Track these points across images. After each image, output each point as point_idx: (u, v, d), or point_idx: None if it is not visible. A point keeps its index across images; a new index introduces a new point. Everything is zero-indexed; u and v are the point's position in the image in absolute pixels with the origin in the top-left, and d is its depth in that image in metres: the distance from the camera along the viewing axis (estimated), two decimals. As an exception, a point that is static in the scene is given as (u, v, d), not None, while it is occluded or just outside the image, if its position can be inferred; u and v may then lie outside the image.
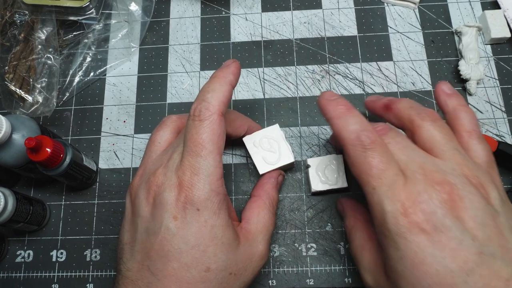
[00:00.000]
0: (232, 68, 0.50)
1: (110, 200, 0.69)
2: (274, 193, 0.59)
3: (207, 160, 0.45)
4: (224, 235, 0.46)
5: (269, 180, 0.60)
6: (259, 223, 0.53)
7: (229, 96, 0.48)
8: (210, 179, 0.45)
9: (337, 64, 0.74)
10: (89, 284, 0.65)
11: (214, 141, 0.45)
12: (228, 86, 0.48)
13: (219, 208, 0.46)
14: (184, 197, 0.44)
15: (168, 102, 0.74)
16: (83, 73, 0.76)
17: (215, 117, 0.46)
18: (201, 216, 0.44)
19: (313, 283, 0.62)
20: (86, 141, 0.72)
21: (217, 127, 0.46)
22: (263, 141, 0.62)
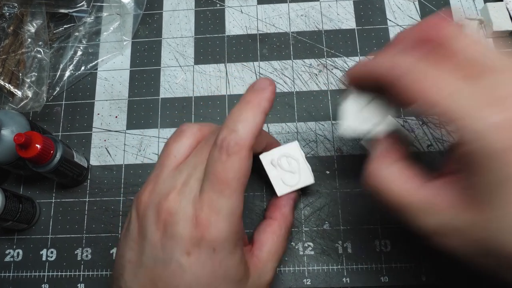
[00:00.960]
0: (267, 93, 0.45)
1: (101, 198, 0.68)
2: (291, 217, 0.56)
3: (230, 200, 0.42)
4: (237, 274, 0.44)
5: (288, 202, 0.56)
6: (272, 250, 0.50)
7: (262, 127, 0.44)
8: (231, 219, 0.42)
9: (335, 58, 0.74)
10: (80, 284, 0.64)
11: (240, 180, 0.42)
12: (263, 115, 0.44)
13: (236, 247, 0.43)
14: (201, 235, 0.41)
15: (161, 97, 0.73)
16: (74, 67, 0.76)
17: (245, 153, 0.42)
18: (217, 257, 0.42)
19: (310, 283, 0.62)
20: (77, 137, 0.72)
21: (245, 164, 0.42)
22: (282, 160, 0.57)
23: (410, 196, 0.40)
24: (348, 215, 0.65)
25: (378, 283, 0.62)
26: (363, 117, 0.49)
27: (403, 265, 0.62)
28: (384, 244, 0.63)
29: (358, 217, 0.65)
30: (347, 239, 0.64)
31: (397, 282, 0.61)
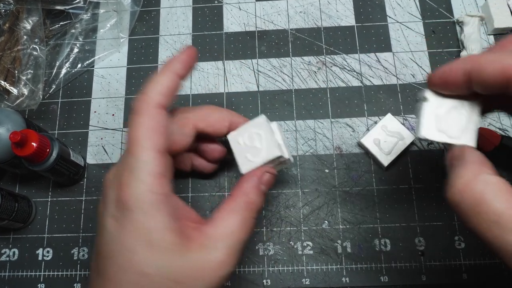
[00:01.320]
0: (181, 55, 0.47)
1: (98, 197, 0.68)
2: (254, 195, 0.49)
3: (140, 157, 0.42)
4: (162, 239, 0.42)
5: (250, 179, 0.50)
6: (223, 227, 0.46)
7: (173, 86, 0.46)
8: (144, 177, 0.42)
9: (334, 55, 0.74)
10: (76, 283, 0.64)
11: (149, 137, 0.43)
12: (172, 75, 0.46)
13: (156, 209, 0.42)
14: (121, 197, 0.42)
15: None
16: (70, 65, 0.75)
17: (151, 110, 0.44)
18: (134, 218, 0.42)
19: (309, 283, 0.62)
20: (74, 135, 0.72)
21: (153, 121, 0.43)
22: (248, 136, 0.53)
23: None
24: (347, 214, 0.65)
25: (378, 282, 0.61)
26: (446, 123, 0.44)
27: (403, 264, 0.62)
28: (384, 243, 0.63)
29: (357, 216, 0.65)
30: (346, 238, 0.64)
31: (397, 282, 0.61)
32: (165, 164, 0.44)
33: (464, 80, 0.40)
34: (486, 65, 0.37)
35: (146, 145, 0.42)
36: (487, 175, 0.37)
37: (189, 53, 0.48)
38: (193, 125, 0.52)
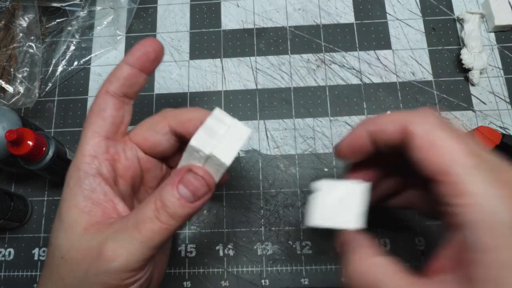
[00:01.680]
0: (136, 46, 0.46)
1: None
2: (166, 193, 0.41)
3: (82, 135, 0.45)
4: (64, 213, 0.42)
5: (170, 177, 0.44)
6: (127, 220, 0.41)
7: (122, 74, 0.46)
8: (76, 153, 0.44)
9: (333, 53, 0.73)
10: None
11: (89, 117, 0.45)
12: (124, 65, 0.46)
13: (74, 184, 0.43)
14: None
15: (156, 93, 0.73)
16: (67, 62, 0.75)
17: (97, 95, 0.46)
18: (63, 187, 0.44)
19: (308, 283, 0.62)
20: (70, 133, 0.71)
21: (95, 104, 0.46)
22: None
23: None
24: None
25: None
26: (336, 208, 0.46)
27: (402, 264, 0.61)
28: (384, 243, 0.63)
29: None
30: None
31: (396, 282, 0.61)
32: (102, 146, 0.44)
33: (370, 142, 0.42)
34: (386, 125, 0.40)
35: (86, 125, 0.45)
36: (376, 258, 0.39)
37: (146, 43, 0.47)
38: (168, 124, 0.49)
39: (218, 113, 0.44)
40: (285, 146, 0.68)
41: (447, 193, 0.35)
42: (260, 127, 0.70)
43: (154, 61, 0.48)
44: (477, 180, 0.34)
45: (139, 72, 0.47)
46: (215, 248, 0.64)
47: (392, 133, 0.39)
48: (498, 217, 0.33)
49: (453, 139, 0.36)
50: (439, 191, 0.36)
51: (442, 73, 0.71)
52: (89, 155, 0.44)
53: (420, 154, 0.37)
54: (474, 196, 0.34)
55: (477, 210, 0.33)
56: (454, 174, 0.35)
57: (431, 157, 0.36)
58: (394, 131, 0.39)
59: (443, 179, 0.35)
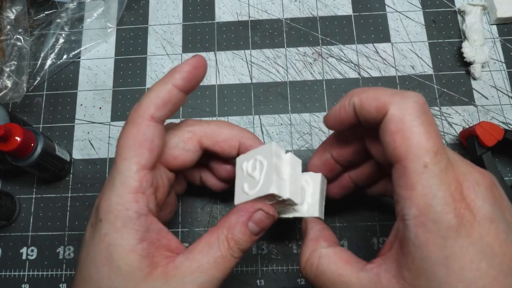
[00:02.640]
0: (183, 65, 0.44)
1: (84, 193, 0.67)
2: (238, 231, 0.44)
3: (120, 168, 0.42)
4: (123, 259, 0.40)
5: (238, 213, 0.45)
6: (196, 261, 0.42)
7: (168, 97, 0.43)
8: (118, 190, 0.41)
9: (330, 46, 0.73)
10: (62, 284, 0.63)
11: (132, 148, 0.42)
12: (169, 86, 0.43)
13: (124, 226, 0.41)
14: (97, 204, 0.43)
15: (148, 87, 0.71)
16: (56, 56, 0.75)
17: (139, 120, 0.43)
18: (102, 229, 0.41)
19: (304, 283, 0.61)
20: (59, 129, 0.71)
21: (139, 132, 0.42)
22: (251, 163, 0.48)
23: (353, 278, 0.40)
24: (345, 212, 0.64)
25: None
26: None
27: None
28: (382, 242, 0.62)
29: (355, 213, 0.64)
30: (344, 237, 0.63)
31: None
32: (148, 180, 0.43)
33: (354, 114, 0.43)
34: (368, 100, 0.40)
35: (128, 156, 0.42)
36: (321, 250, 0.44)
37: (194, 63, 0.45)
38: (197, 141, 0.50)
39: (276, 148, 0.47)
40: (281, 141, 0.68)
41: (398, 182, 0.37)
42: (255, 122, 0.69)
43: (199, 82, 0.46)
44: (427, 178, 0.35)
45: (185, 94, 0.45)
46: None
47: (372, 110, 0.40)
48: (436, 216, 0.34)
49: (421, 130, 0.37)
50: (393, 178, 0.38)
51: (443, 67, 0.71)
52: (138, 193, 0.42)
53: (388, 136, 0.38)
54: (419, 192, 0.35)
55: (418, 206, 0.35)
56: (409, 166, 0.36)
57: (395, 142, 0.37)
58: (373, 108, 0.40)
59: (398, 168, 0.37)
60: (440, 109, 0.68)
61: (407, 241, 0.36)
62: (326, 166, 0.52)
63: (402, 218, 0.37)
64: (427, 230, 0.35)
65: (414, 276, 0.36)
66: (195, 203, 0.66)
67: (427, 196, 0.35)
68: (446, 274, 0.34)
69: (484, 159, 0.59)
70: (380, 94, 0.39)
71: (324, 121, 0.48)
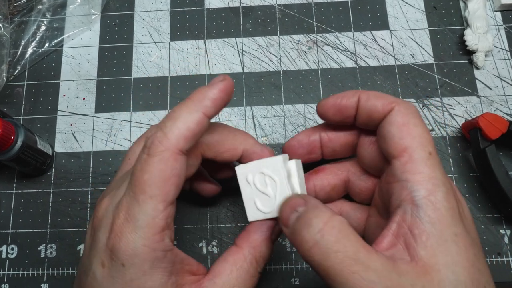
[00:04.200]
0: (215, 90, 0.41)
1: (67, 188, 0.66)
2: (264, 248, 0.46)
3: (144, 207, 0.39)
4: None
5: (260, 229, 0.47)
6: (227, 284, 0.43)
7: (198, 128, 0.41)
8: (144, 231, 0.39)
9: (326, 33, 0.72)
10: (44, 283, 0.63)
11: (158, 186, 0.39)
12: (199, 115, 0.40)
13: (152, 267, 0.39)
14: (112, 245, 0.39)
15: (134, 77, 0.71)
16: (37, 44, 0.74)
17: (167, 154, 0.39)
18: (127, 274, 0.39)
19: (298, 283, 0.61)
20: (41, 121, 0.70)
21: (167, 167, 0.39)
22: (259, 177, 0.48)
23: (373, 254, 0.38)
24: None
25: None
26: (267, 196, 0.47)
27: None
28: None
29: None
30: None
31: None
32: (172, 215, 0.41)
33: (355, 108, 0.47)
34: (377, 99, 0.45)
35: (154, 194, 0.39)
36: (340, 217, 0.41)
37: (225, 87, 0.42)
38: (200, 153, 0.48)
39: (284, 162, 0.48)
40: (274, 134, 0.67)
41: (403, 169, 0.41)
42: (247, 114, 0.68)
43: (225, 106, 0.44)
44: (432, 163, 0.41)
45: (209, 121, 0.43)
46: (198, 245, 0.63)
47: (378, 104, 0.44)
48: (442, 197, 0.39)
49: (423, 126, 0.43)
50: (395, 165, 0.42)
51: (444, 56, 0.70)
52: (164, 231, 0.40)
53: (394, 128, 0.43)
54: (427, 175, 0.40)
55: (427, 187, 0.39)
56: (416, 153, 0.41)
57: (402, 132, 0.42)
58: (380, 103, 0.44)
59: (404, 156, 0.41)
60: (442, 100, 0.67)
61: (419, 221, 0.38)
62: (309, 146, 0.53)
63: (411, 202, 0.39)
64: (437, 208, 0.38)
65: (431, 254, 0.37)
66: (184, 199, 0.65)
67: (434, 178, 0.40)
68: (457, 253, 0.37)
69: (488, 152, 0.58)
70: (388, 98, 0.44)
71: (319, 105, 0.49)
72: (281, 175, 0.46)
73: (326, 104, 0.48)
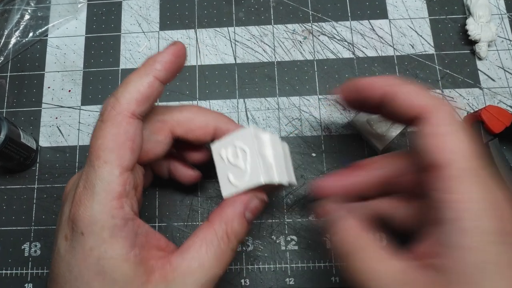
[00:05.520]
0: (165, 53, 0.43)
1: (52, 184, 0.66)
2: (237, 224, 0.45)
3: (99, 172, 0.40)
4: (117, 270, 0.40)
5: (233, 204, 0.46)
6: (195, 259, 0.43)
7: (149, 91, 0.42)
8: (101, 197, 0.39)
9: (322, 22, 0.71)
10: (28, 283, 0.62)
11: (112, 149, 0.40)
12: (149, 78, 0.42)
13: (112, 235, 0.39)
14: (72, 215, 0.40)
15: (122, 68, 0.70)
16: (21, 34, 0.73)
17: (119, 118, 0.41)
18: (86, 243, 0.39)
19: (293, 283, 0.60)
20: (24, 114, 0.69)
21: (120, 131, 0.41)
22: (231, 150, 0.48)
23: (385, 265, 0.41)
24: (338, 205, 0.62)
25: None
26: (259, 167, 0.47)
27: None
28: (379, 238, 0.59)
29: (349, 206, 0.62)
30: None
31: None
32: (130, 182, 0.42)
33: (380, 99, 0.45)
34: (402, 95, 0.43)
35: (109, 159, 0.40)
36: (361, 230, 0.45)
37: (175, 51, 0.44)
38: (170, 130, 0.48)
39: (256, 132, 0.47)
40: (267, 128, 0.66)
41: (436, 186, 0.38)
42: (239, 107, 0.67)
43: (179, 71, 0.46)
44: (470, 182, 0.37)
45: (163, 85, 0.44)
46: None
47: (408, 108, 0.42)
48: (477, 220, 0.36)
49: (462, 136, 0.39)
50: (430, 181, 0.39)
51: (445, 46, 0.69)
52: (122, 198, 0.41)
53: (428, 139, 0.40)
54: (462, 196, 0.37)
55: (458, 210, 0.37)
56: (453, 169, 0.38)
57: (437, 146, 0.39)
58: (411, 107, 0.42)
59: (440, 170, 0.38)
60: (443, 92, 0.67)
61: (446, 245, 0.37)
62: None
63: (441, 223, 0.38)
64: (466, 234, 0.36)
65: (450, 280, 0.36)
66: (174, 195, 0.64)
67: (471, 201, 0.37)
68: (482, 278, 0.35)
69: (491, 146, 0.58)
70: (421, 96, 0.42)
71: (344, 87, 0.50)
72: (252, 146, 0.46)
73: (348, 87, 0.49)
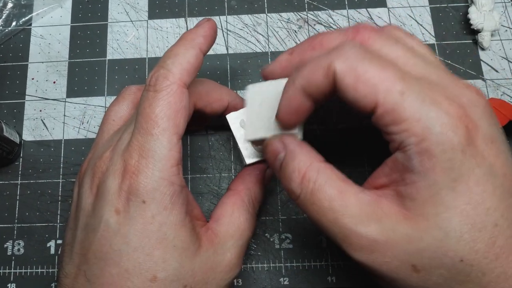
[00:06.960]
0: (204, 28, 0.47)
1: (36, 180, 0.65)
2: (257, 190, 0.52)
3: (159, 140, 0.42)
4: (177, 237, 0.42)
5: (253, 172, 0.53)
6: (232, 224, 0.48)
7: (197, 63, 0.45)
8: (161, 164, 0.42)
9: (318, 11, 0.70)
10: (10, 283, 0.61)
11: (170, 117, 0.42)
12: (196, 50, 0.45)
13: (172, 202, 0.42)
14: (128, 186, 0.41)
15: (109, 59, 0.69)
16: (3, 23, 0.71)
17: (174, 87, 0.43)
18: (147, 211, 0.41)
19: (288, 283, 0.59)
20: (7, 106, 0.68)
21: (176, 100, 0.43)
22: None
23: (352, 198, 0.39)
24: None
25: (369, 281, 0.58)
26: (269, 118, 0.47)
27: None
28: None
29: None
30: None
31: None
32: (182, 150, 0.44)
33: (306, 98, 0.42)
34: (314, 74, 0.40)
35: (167, 126, 0.42)
36: (319, 163, 0.41)
37: (212, 25, 0.48)
38: (193, 103, 0.51)
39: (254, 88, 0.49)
40: None
41: (385, 122, 0.37)
42: None
43: None
44: (411, 103, 0.36)
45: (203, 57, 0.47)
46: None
47: (321, 81, 0.39)
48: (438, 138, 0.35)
49: (377, 68, 0.37)
50: (376, 123, 0.38)
51: (447, 35, 0.68)
52: (179, 164, 0.43)
53: (348, 92, 0.38)
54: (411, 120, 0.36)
55: (416, 134, 0.35)
56: (385, 103, 0.36)
57: (359, 92, 0.37)
58: (322, 78, 0.39)
59: (376, 111, 0.37)
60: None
61: (411, 171, 0.36)
62: None
63: (403, 150, 0.37)
64: (431, 155, 0.35)
65: (419, 206, 0.36)
66: None
67: (421, 120, 0.35)
68: (453, 198, 0.35)
69: None
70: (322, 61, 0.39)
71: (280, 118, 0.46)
72: None
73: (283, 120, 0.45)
